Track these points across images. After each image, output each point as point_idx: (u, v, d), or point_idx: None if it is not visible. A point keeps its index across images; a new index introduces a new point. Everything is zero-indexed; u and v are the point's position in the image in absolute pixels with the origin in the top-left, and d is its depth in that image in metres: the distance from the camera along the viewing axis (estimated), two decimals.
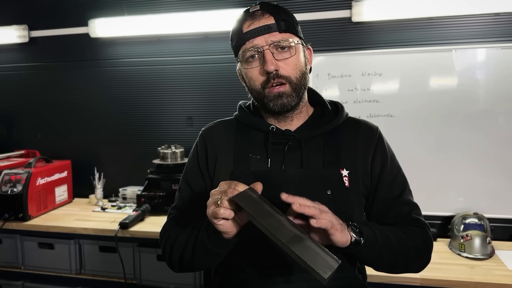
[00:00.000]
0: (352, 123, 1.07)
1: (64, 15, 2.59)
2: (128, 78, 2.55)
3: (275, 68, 0.93)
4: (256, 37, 0.95)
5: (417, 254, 0.98)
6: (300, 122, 1.04)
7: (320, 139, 1.02)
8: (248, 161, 1.01)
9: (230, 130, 1.08)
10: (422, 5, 2.00)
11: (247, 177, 0.97)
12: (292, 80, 0.96)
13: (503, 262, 1.72)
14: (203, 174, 1.07)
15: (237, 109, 1.11)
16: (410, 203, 1.05)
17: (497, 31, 1.99)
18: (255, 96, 1.01)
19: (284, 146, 1.00)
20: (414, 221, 1.02)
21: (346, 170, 0.98)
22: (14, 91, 2.75)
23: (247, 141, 1.04)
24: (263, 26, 0.95)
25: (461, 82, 2.00)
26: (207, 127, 1.12)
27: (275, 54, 0.95)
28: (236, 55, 1.01)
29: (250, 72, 0.98)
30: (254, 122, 1.05)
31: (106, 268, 2.07)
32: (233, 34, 1.01)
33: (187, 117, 2.50)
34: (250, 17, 0.97)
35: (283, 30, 0.95)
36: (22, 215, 2.12)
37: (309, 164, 0.99)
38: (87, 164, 2.60)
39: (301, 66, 0.98)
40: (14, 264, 2.18)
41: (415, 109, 2.05)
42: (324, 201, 0.92)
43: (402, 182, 1.06)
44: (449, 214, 2.03)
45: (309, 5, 2.22)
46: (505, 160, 1.98)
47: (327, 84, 2.15)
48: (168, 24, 2.34)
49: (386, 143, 1.07)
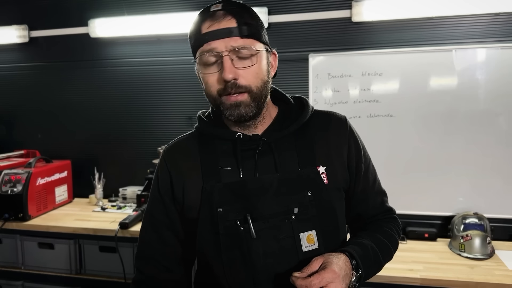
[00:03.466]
0: (320, 117, 1.02)
1: (64, 15, 2.59)
2: (128, 78, 2.55)
3: (234, 76, 0.86)
4: (215, 40, 0.86)
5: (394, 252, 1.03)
6: (265, 127, 0.98)
7: (291, 138, 0.97)
8: (219, 174, 0.94)
9: (193, 145, 1.00)
10: (422, 5, 2.00)
11: (220, 191, 0.92)
12: (252, 89, 0.89)
13: (503, 262, 1.72)
14: (164, 201, 1.00)
15: (197, 120, 1.03)
16: (381, 192, 1.08)
17: (497, 31, 1.99)
18: (212, 102, 0.95)
19: (254, 152, 0.94)
20: (388, 212, 1.07)
21: (323, 167, 0.95)
22: (14, 91, 2.75)
23: (213, 152, 0.97)
24: (223, 29, 0.86)
25: (461, 82, 2.00)
26: (168, 146, 1.05)
27: (235, 61, 0.87)
28: (194, 56, 0.94)
29: (206, 77, 0.91)
30: (218, 132, 0.98)
31: (106, 268, 2.07)
32: (191, 33, 0.92)
33: (187, 117, 2.50)
34: (210, 17, 0.88)
35: (245, 35, 0.87)
36: (22, 215, 2.12)
37: (283, 167, 0.94)
38: (87, 164, 2.60)
39: (262, 75, 0.91)
40: (14, 264, 2.18)
41: (415, 109, 2.05)
42: (306, 203, 0.92)
43: (373, 171, 1.06)
44: (449, 214, 2.03)
45: (309, 5, 2.22)
46: (505, 160, 1.98)
47: (327, 84, 2.15)
48: (168, 24, 2.34)
49: (356, 133, 1.04)
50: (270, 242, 0.90)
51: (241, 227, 0.90)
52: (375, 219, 1.06)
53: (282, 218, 0.91)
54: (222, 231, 0.91)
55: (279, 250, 0.90)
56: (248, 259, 0.90)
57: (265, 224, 0.90)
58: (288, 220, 0.91)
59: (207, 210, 0.93)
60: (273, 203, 0.91)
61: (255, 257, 0.89)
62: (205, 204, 0.93)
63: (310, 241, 0.92)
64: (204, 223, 0.94)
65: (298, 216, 0.91)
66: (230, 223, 0.91)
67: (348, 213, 1.04)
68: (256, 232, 0.89)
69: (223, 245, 0.91)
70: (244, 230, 0.90)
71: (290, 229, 0.91)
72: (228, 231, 0.91)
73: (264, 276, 0.90)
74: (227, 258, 0.91)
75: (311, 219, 0.92)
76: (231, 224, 0.91)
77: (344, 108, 2.10)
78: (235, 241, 0.91)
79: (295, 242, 0.91)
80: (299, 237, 0.91)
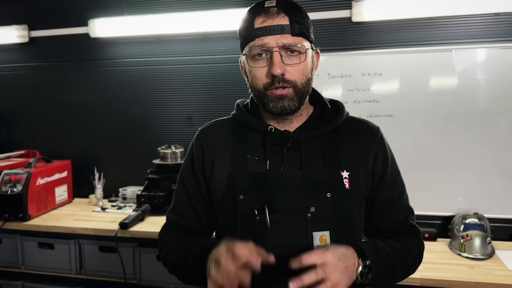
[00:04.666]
0: (353, 123, 1.05)
1: (64, 15, 2.59)
2: (128, 78, 2.55)
3: (282, 72, 0.91)
4: (267, 35, 0.90)
5: (413, 266, 1.00)
6: (299, 123, 1.02)
7: (320, 140, 0.99)
8: (246, 163, 0.99)
9: (227, 130, 1.05)
10: (422, 5, 1.99)
11: (244, 179, 0.97)
12: (297, 85, 0.93)
13: (503, 262, 1.72)
14: (197, 177, 1.06)
15: (235, 108, 1.08)
16: (407, 208, 1.06)
17: (497, 31, 1.99)
18: (256, 95, 0.98)
19: (282, 147, 0.98)
20: (410, 228, 1.04)
21: (347, 172, 0.97)
22: (14, 91, 2.75)
23: (244, 141, 1.02)
24: (276, 25, 0.90)
25: (461, 82, 2.00)
26: (204, 127, 1.10)
27: (284, 57, 0.91)
28: (242, 49, 0.97)
29: (254, 70, 0.94)
30: (252, 122, 1.02)
31: (106, 268, 2.07)
32: (243, 26, 0.96)
33: (187, 117, 2.50)
34: (264, 12, 0.92)
35: (296, 33, 0.91)
36: (22, 215, 2.12)
37: (308, 166, 0.97)
38: (87, 164, 2.60)
39: (307, 72, 0.96)
40: (14, 264, 2.18)
41: (415, 109, 2.05)
42: (324, 204, 0.94)
43: (401, 185, 1.06)
44: (449, 214, 2.03)
45: (309, 5, 2.21)
46: (505, 160, 1.98)
47: (327, 84, 2.15)
48: (168, 24, 2.34)
49: (387, 145, 1.05)
50: (283, 235, 0.93)
51: (257, 216, 0.94)
52: (395, 233, 1.03)
53: (298, 214, 0.94)
54: (240, 218, 0.96)
55: (290, 244, 0.93)
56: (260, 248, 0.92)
57: (281, 217, 0.93)
58: (303, 217, 0.93)
59: (230, 195, 0.98)
60: (292, 198, 0.94)
61: (266, 247, 0.90)
62: (229, 190, 0.98)
63: (322, 241, 0.94)
64: (226, 207, 0.99)
65: (314, 215, 0.94)
66: (248, 211, 0.95)
67: (368, 223, 1.05)
68: (271, 224, 0.93)
69: (239, 231, 0.96)
70: (260, 219, 0.94)
71: (304, 226, 0.93)
72: (245, 218, 0.96)
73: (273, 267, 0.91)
74: None
75: (326, 220, 0.94)
76: (249, 212, 0.95)
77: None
78: (251, 229, 0.95)
79: (307, 239, 0.93)
80: (312, 236, 0.93)
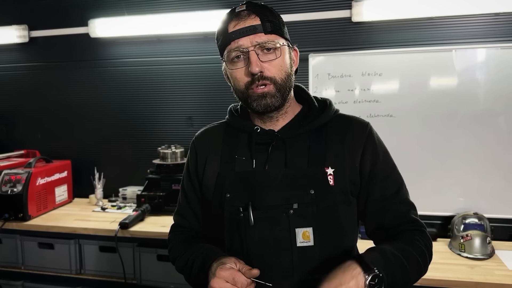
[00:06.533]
0: (342, 120, 1.05)
1: (64, 15, 2.59)
2: (128, 78, 2.55)
3: (260, 69, 0.94)
4: (241, 37, 0.95)
5: (424, 266, 0.95)
6: (285, 122, 1.04)
7: (306, 137, 1.01)
8: (234, 163, 1.03)
9: (220, 133, 1.11)
10: (422, 5, 1.99)
11: (231, 178, 1.01)
12: (277, 81, 0.96)
13: (503, 262, 1.72)
14: (192, 179, 1.12)
15: (227, 112, 1.13)
16: (407, 202, 1.02)
17: (497, 31, 1.99)
18: (239, 96, 1.02)
19: (268, 146, 1.01)
20: (413, 223, 0.99)
21: (331, 169, 0.97)
22: (14, 91, 2.75)
23: (233, 142, 1.06)
24: (248, 26, 0.95)
25: (461, 82, 2.00)
26: (199, 133, 1.16)
27: (260, 56, 0.95)
28: (221, 55, 1.02)
29: (234, 72, 0.99)
30: (239, 124, 1.07)
31: (106, 268, 2.08)
32: (219, 33, 1.01)
33: (187, 117, 2.50)
34: (235, 17, 0.97)
35: (269, 31, 0.95)
36: (22, 215, 2.12)
37: (293, 164, 0.99)
38: (87, 164, 2.60)
39: (286, 68, 0.98)
40: (14, 264, 2.18)
41: (415, 109, 2.05)
42: (307, 200, 0.95)
43: (397, 180, 1.03)
44: (449, 214, 2.03)
45: (309, 5, 2.22)
46: (505, 160, 1.98)
47: (327, 84, 2.15)
48: (168, 24, 2.34)
49: (377, 139, 1.04)
50: (266, 231, 0.96)
51: (241, 213, 0.98)
52: (398, 230, 0.98)
53: (281, 211, 0.96)
54: (226, 215, 1.00)
55: (273, 240, 0.96)
56: (244, 244, 0.98)
57: (264, 214, 0.97)
58: (286, 213, 0.96)
59: (218, 194, 1.03)
60: (274, 195, 0.97)
61: (250, 243, 0.97)
62: (217, 189, 1.03)
63: (305, 238, 0.95)
64: (215, 206, 1.04)
65: (297, 211, 0.96)
66: (234, 209, 0.99)
67: (368, 222, 1.03)
68: (255, 221, 0.96)
69: (226, 228, 1.01)
70: (244, 216, 0.97)
71: (286, 223, 0.96)
72: (231, 215, 1.00)
73: (258, 262, 0.94)
74: (228, 241, 1.01)
75: (309, 217, 0.95)
76: (234, 209, 0.99)
77: (344, 108, 2.08)
78: (236, 226, 0.99)
79: (290, 235, 0.95)
80: (295, 232, 0.95)
